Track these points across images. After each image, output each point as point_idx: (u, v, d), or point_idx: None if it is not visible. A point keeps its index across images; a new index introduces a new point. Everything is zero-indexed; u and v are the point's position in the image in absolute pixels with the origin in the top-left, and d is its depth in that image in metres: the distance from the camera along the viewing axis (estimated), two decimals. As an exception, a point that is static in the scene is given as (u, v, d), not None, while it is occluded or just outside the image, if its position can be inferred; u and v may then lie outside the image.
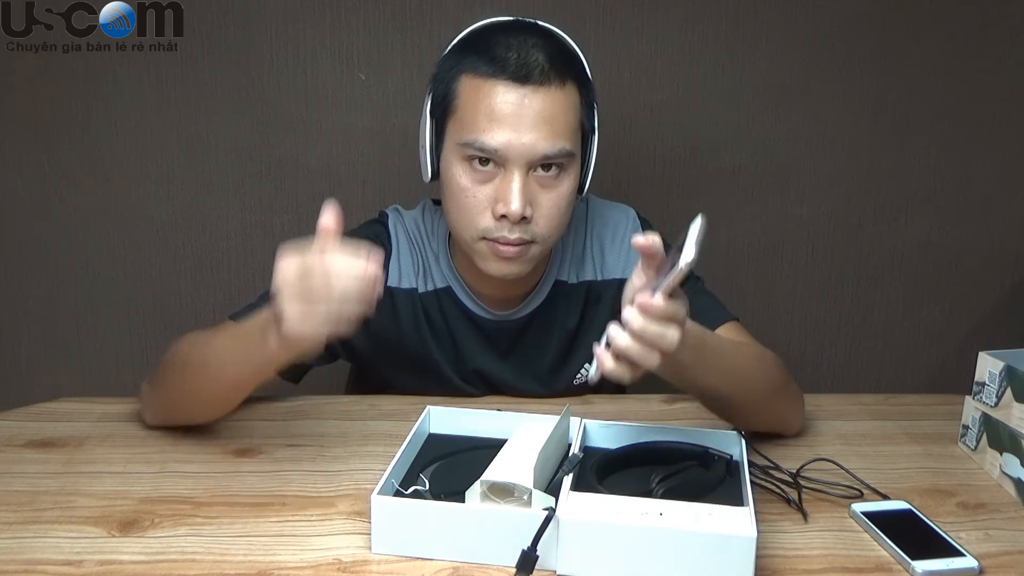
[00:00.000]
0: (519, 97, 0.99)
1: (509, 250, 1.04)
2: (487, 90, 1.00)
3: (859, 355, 1.84)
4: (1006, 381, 0.98)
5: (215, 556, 0.81)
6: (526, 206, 1.01)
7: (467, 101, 1.02)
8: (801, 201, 1.75)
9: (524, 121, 0.99)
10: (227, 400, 1.02)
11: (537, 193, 1.03)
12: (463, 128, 1.02)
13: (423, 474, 0.91)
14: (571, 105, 1.02)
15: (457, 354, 1.18)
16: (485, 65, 1.00)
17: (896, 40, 1.67)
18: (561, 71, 1.01)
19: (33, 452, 1.01)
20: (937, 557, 0.81)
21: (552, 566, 0.78)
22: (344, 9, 1.62)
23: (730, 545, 0.75)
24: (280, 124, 1.66)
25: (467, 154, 1.02)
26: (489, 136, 1.00)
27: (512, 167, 1.01)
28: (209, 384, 0.98)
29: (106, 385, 1.75)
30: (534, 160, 1.01)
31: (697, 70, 1.68)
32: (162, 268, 1.72)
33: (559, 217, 1.05)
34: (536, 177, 1.02)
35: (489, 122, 1.00)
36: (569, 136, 1.02)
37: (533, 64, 0.99)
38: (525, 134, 1.00)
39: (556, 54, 1.01)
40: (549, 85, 1.00)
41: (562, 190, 1.04)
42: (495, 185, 1.02)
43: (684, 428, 0.98)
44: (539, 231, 1.04)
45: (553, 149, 1.01)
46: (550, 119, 1.00)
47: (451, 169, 1.04)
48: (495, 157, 1.01)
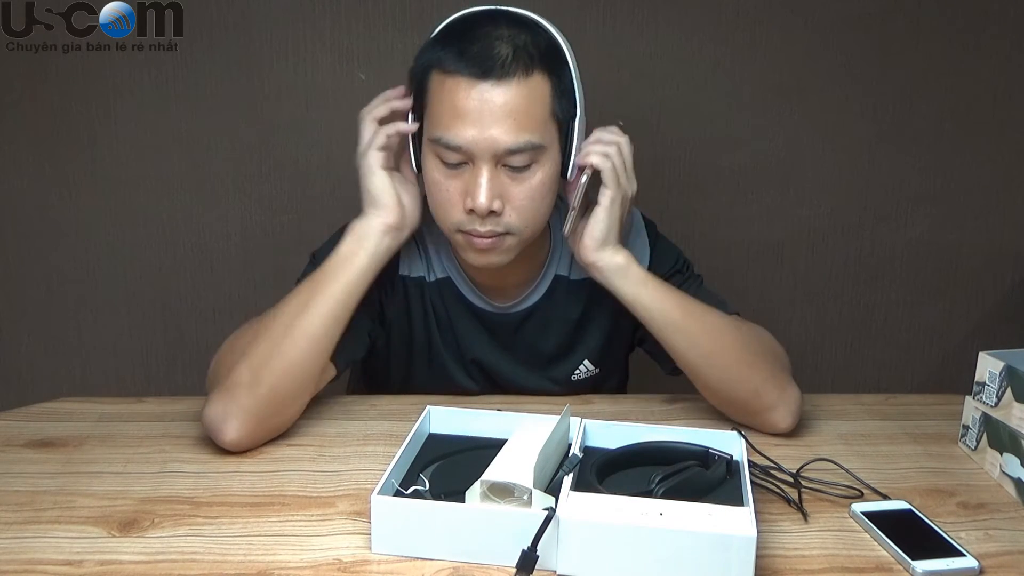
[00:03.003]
0: (480, 92, 0.99)
1: (483, 242, 1.05)
2: (451, 86, 1.00)
3: (859, 355, 1.84)
4: (1006, 381, 0.98)
5: (215, 556, 0.81)
6: (493, 200, 1.02)
7: (435, 97, 1.02)
8: (801, 201, 1.76)
9: (486, 116, 0.99)
10: (325, 344, 1.04)
11: (508, 186, 1.03)
12: (432, 124, 1.03)
13: (423, 474, 0.91)
14: (538, 96, 1.01)
15: (457, 344, 1.18)
16: (450, 61, 1.00)
17: (896, 40, 1.68)
18: (526, 62, 1.00)
19: (33, 452, 1.01)
20: (937, 557, 0.81)
21: (552, 566, 0.78)
22: (344, 9, 1.62)
23: (730, 545, 0.75)
24: (280, 124, 1.67)
25: (436, 149, 1.03)
26: (453, 133, 1.00)
27: (479, 162, 1.01)
28: (306, 330, 1.02)
29: (106, 385, 1.76)
30: (499, 154, 1.01)
31: (697, 70, 1.68)
32: (162, 268, 1.72)
33: (533, 208, 1.05)
34: (506, 170, 1.03)
35: (453, 118, 1.00)
36: (535, 128, 1.01)
37: (496, 57, 0.99)
38: (488, 129, 1.00)
39: (524, 44, 1.00)
40: (511, 78, 0.99)
41: (533, 182, 1.04)
42: (464, 179, 1.03)
43: (684, 428, 0.98)
44: (512, 223, 1.05)
45: (517, 143, 1.00)
46: (513, 112, 1.00)
47: (426, 163, 1.06)
48: (461, 152, 1.01)
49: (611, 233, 1.06)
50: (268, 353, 1.01)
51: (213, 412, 0.99)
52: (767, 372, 1.08)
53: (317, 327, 1.03)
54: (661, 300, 1.07)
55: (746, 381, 1.07)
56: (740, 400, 1.07)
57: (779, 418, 1.06)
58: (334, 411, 1.12)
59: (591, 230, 1.06)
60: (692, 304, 1.09)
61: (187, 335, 1.75)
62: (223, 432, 0.99)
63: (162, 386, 1.76)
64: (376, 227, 1.06)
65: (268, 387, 1.00)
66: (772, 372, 1.08)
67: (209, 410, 1.00)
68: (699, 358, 1.08)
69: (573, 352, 1.20)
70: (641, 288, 1.07)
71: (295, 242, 1.66)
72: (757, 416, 1.07)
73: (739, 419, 1.08)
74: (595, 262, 1.07)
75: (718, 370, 1.08)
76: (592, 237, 1.06)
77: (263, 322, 1.04)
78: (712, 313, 1.10)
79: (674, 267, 1.18)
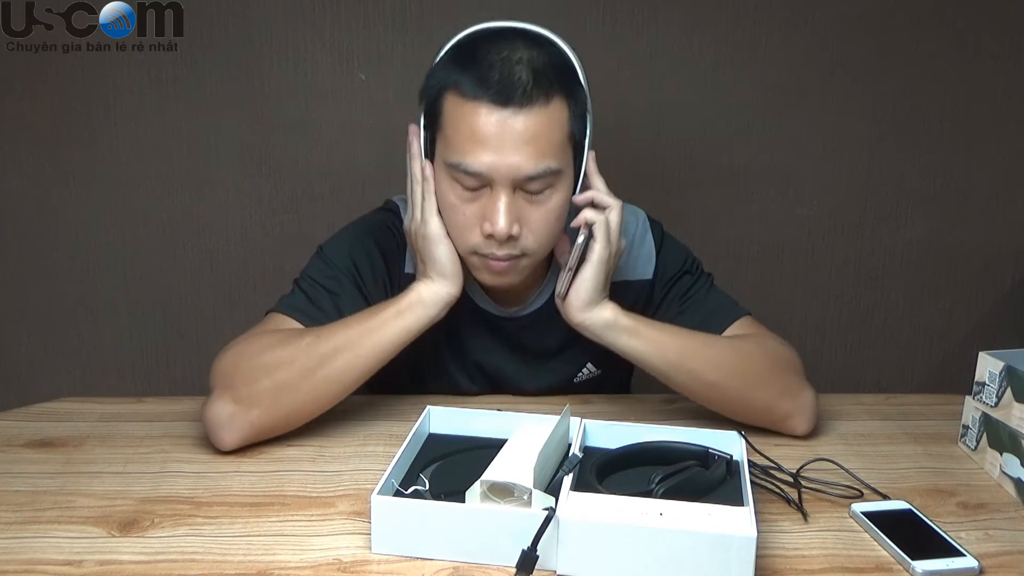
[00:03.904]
0: (501, 119, 0.98)
1: (499, 265, 1.05)
2: (469, 111, 0.99)
3: (859, 355, 1.84)
4: (1006, 381, 0.98)
5: (215, 556, 0.81)
6: (512, 224, 1.01)
7: (451, 121, 1.01)
8: (801, 201, 1.76)
9: (507, 143, 0.99)
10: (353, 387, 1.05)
11: (525, 209, 1.03)
12: (448, 148, 1.02)
13: (423, 474, 0.91)
14: (556, 121, 1.01)
15: (460, 346, 1.18)
16: (468, 85, 0.99)
17: (896, 40, 1.68)
18: (546, 87, 0.99)
19: (33, 452, 1.01)
20: (937, 557, 0.81)
21: (552, 566, 0.78)
22: (344, 9, 1.62)
23: (730, 545, 0.75)
24: (280, 124, 1.67)
25: (454, 174, 1.02)
26: (473, 158, 0.99)
27: (498, 187, 1.01)
28: (343, 371, 1.02)
29: (106, 385, 1.76)
30: (519, 180, 1.00)
31: (697, 70, 1.68)
32: (162, 268, 1.72)
33: (548, 231, 1.05)
34: (523, 194, 1.02)
35: (472, 144, 0.99)
36: (554, 154, 1.01)
37: (516, 84, 0.98)
38: (508, 156, 0.99)
39: (542, 68, 0.99)
40: (532, 104, 0.98)
41: (551, 205, 1.04)
42: (482, 204, 1.02)
43: (684, 428, 0.98)
44: (529, 245, 1.04)
45: (537, 169, 1.00)
46: (533, 139, 0.99)
47: (441, 184, 1.05)
48: (480, 178, 1.01)
49: (597, 292, 1.05)
50: (296, 383, 1.00)
51: (218, 415, 0.99)
52: (777, 387, 1.07)
53: (353, 374, 1.03)
54: (656, 345, 1.06)
55: (757, 400, 1.06)
56: (755, 417, 1.07)
57: (796, 424, 1.07)
58: (334, 411, 1.11)
59: (578, 290, 1.04)
60: (689, 340, 1.07)
61: (187, 335, 1.75)
62: (223, 439, 0.99)
63: (162, 386, 1.76)
64: (443, 297, 1.05)
65: (284, 413, 1.01)
66: (783, 384, 1.08)
67: (213, 411, 0.99)
68: (704, 389, 1.07)
69: (576, 355, 1.20)
70: (633, 339, 1.05)
71: (295, 242, 1.66)
72: (774, 425, 1.07)
73: (759, 427, 1.08)
74: (582, 322, 1.05)
75: (726, 397, 1.07)
76: (579, 298, 1.04)
77: (300, 347, 1.01)
78: (711, 344, 1.08)
79: (682, 268, 1.18)
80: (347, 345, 1.02)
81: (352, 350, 1.02)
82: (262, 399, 0.99)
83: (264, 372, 1.00)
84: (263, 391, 0.99)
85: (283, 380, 1.00)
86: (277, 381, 0.99)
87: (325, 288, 1.10)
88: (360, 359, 1.02)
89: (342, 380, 1.03)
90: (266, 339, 1.03)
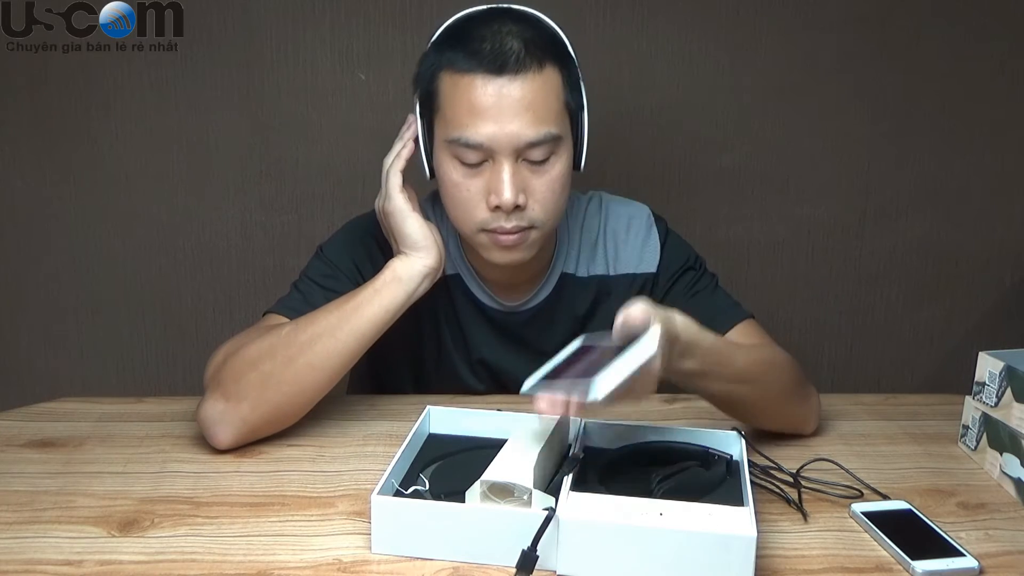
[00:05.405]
0: (497, 87, 0.99)
1: (509, 239, 1.05)
2: (465, 85, 1.00)
3: (859, 355, 1.84)
4: (1006, 381, 0.98)
5: (215, 556, 0.81)
6: (518, 194, 1.02)
7: (448, 98, 1.02)
8: (801, 201, 1.76)
9: (505, 111, 0.99)
10: (339, 372, 1.04)
11: (529, 179, 1.03)
12: (448, 125, 1.02)
13: (423, 474, 0.91)
14: (552, 88, 1.02)
15: (465, 343, 1.18)
16: (462, 60, 1.00)
17: (896, 40, 1.68)
18: (538, 55, 1.00)
19: (33, 452, 1.01)
20: (937, 557, 0.81)
21: (552, 566, 0.78)
22: (344, 9, 1.62)
23: (730, 545, 0.75)
24: (280, 124, 1.67)
25: (455, 150, 1.03)
26: (473, 131, 1.00)
27: (500, 157, 1.01)
28: (325, 357, 1.01)
29: (106, 385, 1.76)
30: (520, 148, 1.01)
31: (697, 70, 1.68)
32: (162, 268, 1.72)
33: (554, 200, 1.05)
34: (526, 164, 1.03)
35: (471, 117, 1.00)
36: (553, 119, 1.02)
37: (508, 52, 0.99)
38: (508, 123, 1.00)
39: (532, 38, 1.01)
40: (527, 71, 0.99)
41: (554, 173, 1.04)
42: (486, 177, 1.03)
43: (684, 428, 0.98)
44: (536, 216, 1.05)
45: (538, 135, 1.01)
46: (531, 105, 1.00)
47: (443, 166, 1.05)
48: (482, 150, 1.01)
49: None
50: (280, 373, 1.00)
51: (210, 413, 0.99)
52: (802, 393, 1.07)
53: (335, 359, 1.02)
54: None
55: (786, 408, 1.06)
56: (776, 423, 1.07)
57: (808, 426, 1.08)
58: (334, 411, 1.12)
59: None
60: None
61: (187, 335, 1.75)
62: (216, 436, 0.99)
63: (162, 386, 1.76)
64: (419, 270, 1.05)
65: (273, 405, 1.01)
66: (804, 391, 1.08)
67: (206, 410, 1.00)
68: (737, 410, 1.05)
69: None
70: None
71: (295, 242, 1.66)
72: (790, 429, 1.08)
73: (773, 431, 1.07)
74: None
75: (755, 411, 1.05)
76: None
77: (280, 336, 1.02)
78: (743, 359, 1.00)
79: (686, 263, 1.18)
80: (327, 330, 1.02)
81: (332, 334, 1.02)
82: (249, 392, 0.99)
83: (249, 365, 1.00)
84: (249, 384, 0.99)
85: (267, 371, 1.00)
86: (262, 372, 1.00)
87: (322, 287, 1.10)
88: (340, 343, 1.02)
89: (325, 366, 1.02)
90: (251, 334, 1.04)
